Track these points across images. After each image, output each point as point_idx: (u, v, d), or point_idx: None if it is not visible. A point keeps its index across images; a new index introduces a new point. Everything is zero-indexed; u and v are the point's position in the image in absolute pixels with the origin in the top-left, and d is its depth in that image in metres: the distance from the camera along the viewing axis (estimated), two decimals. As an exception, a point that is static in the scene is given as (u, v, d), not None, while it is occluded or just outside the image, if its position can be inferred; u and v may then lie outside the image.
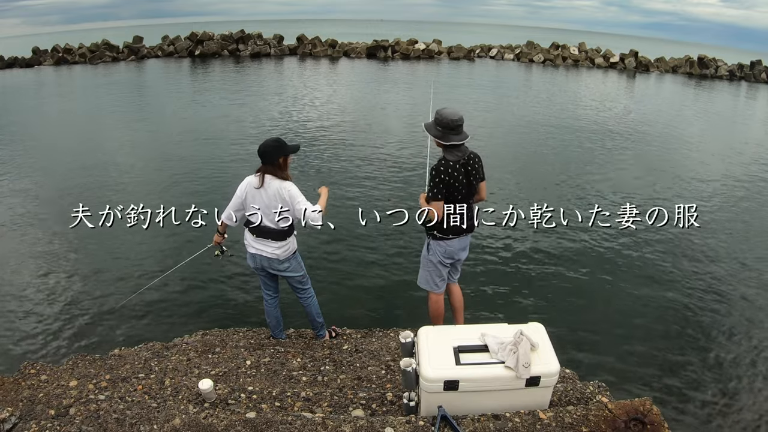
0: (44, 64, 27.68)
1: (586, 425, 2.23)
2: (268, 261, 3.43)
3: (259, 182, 3.24)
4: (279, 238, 3.36)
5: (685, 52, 34.76)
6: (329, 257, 6.09)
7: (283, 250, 3.40)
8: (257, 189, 3.25)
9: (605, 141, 12.41)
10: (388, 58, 30.55)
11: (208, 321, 4.74)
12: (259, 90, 18.67)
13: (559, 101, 17.90)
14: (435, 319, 3.68)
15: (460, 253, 3.44)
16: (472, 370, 2.24)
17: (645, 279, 5.81)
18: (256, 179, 3.27)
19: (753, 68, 29.58)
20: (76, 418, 2.34)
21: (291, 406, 2.78)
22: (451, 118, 3.10)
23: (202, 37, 30.75)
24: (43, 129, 13.00)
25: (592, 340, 4.66)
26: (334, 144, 11.26)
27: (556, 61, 31.70)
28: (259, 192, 3.25)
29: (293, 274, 3.54)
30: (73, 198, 7.94)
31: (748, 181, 9.84)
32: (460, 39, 36.91)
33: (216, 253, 3.73)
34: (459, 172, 3.16)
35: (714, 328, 4.93)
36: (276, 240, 3.36)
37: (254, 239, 3.40)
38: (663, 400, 3.91)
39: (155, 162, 10.04)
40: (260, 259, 3.44)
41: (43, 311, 4.98)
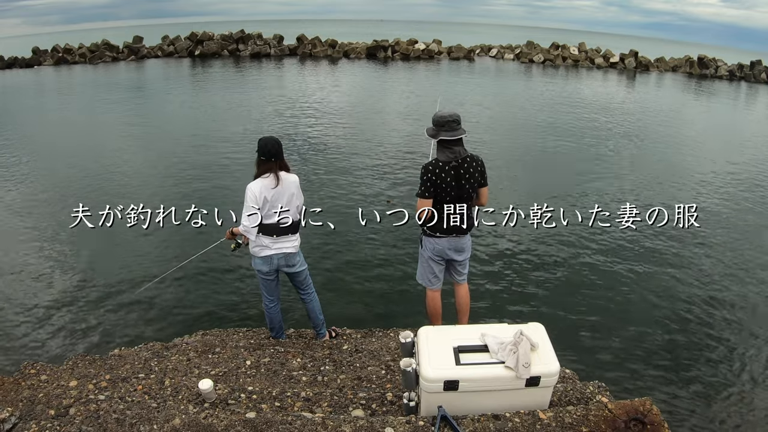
0: (44, 64, 27.69)
1: (586, 425, 2.23)
2: (285, 258, 3.40)
3: (275, 181, 3.20)
4: (296, 230, 3.40)
5: (686, 52, 34.79)
6: (329, 257, 6.09)
7: (299, 242, 3.45)
8: (275, 189, 3.19)
9: (605, 141, 12.42)
10: (388, 59, 30.55)
11: (208, 321, 4.74)
12: (259, 90, 18.67)
13: (559, 101, 17.91)
14: (432, 316, 3.68)
15: (451, 252, 3.42)
16: (472, 370, 2.24)
17: (645, 279, 5.81)
18: (270, 180, 3.20)
19: (753, 68, 29.58)
20: (76, 418, 2.34)
21: (291, 406, 2.78)
22: (441, 114, 3.15)
23: (202, 37, 30.75)
24: (42, 129, 13.00)
25: (592, 340, 4.66)
26: (334, 144, 11.26)
27: (556, 61, 31.70)
28: (277, 190, 3.20)
29: (303, 267, 3.56)
30: (73, 198, 7.95)
31: (748, 181, 9.84)
32: (460, 39, 36.92)
33: (232, 247, 3.67)
34: (448, 173, 3.16)
35: (714, 328, 4.93)
36: (295, 232, 3.39)
37: (273, 240, 3.31)
38: (663, 400, 3.91)
39: (155, 162, 10.04)
40: (278, 259, 3.38)
41: (43, 311, 4.98)
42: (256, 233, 3.28)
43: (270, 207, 3.23)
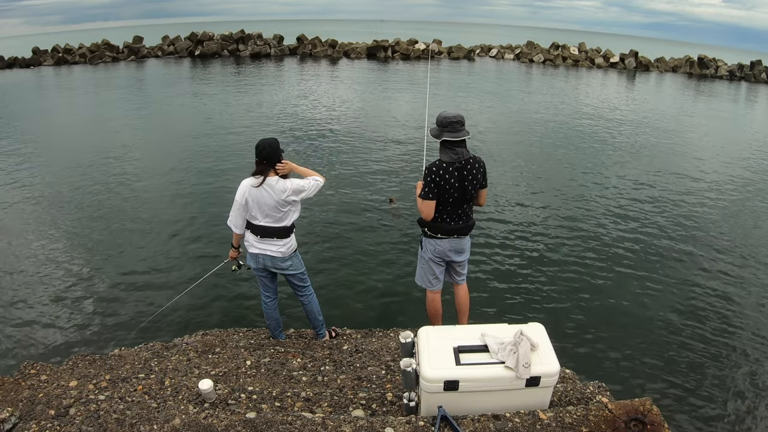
0: (44, 65, 27.69)
1: (586, 425, 2.23)
2: (271, 260, 3.43)
3: (258, 182, 3.23)
4: (284, 235, 3.38)
5: (686, 53, 34.81)
6: (329, 257, 6.09)
7: (287, 247, 3.42)
8: (257, 189, 3.23)
9: (605, 141, 12.41)
10: (388, 58, 30.56)
11: (208, 321, 4.74)
12: (259, 90, 18.66)
13: (558, 101, 17.90)
14: (433, 318, 3.69)
15: (451, 254, 3.43)
16: (472, 370, 2.24)
17: (645, 279, 5.81)
18: (255, 180, 3.25)
19: (753, 68, 29.60)
20: (76, 418, 2.34)
21: (291, 406, 2.78)
22: (445, 115, 3.17)
23: (202, 37, 30.75)
24: (41, 129, 12.98)
25: (592, 340, 4.65)
26: (334, 144, 11.25)
27: (556, 61, 31.72)
28: (260, 192, 3.23)
29: (295, 271, 3.55)
30: (74, 198, 7.95)
31: (750, 181, 9.83)
32: (460, 39, 36.96)
33: (233, 268, 3.79)
34: (452, 174, 3.17)
35: (715, 328, 4.92)
36: (281, 238, 3.37)
37: (258, 239, 3.38)
38: (663, 400, 3.92)
39: (154, 162, 10.03)
40: (263, 259, 3.43)
41: (43, 311, 4.98)
42: (240, 228, 3.41)
43: (252, 207, 3.29)
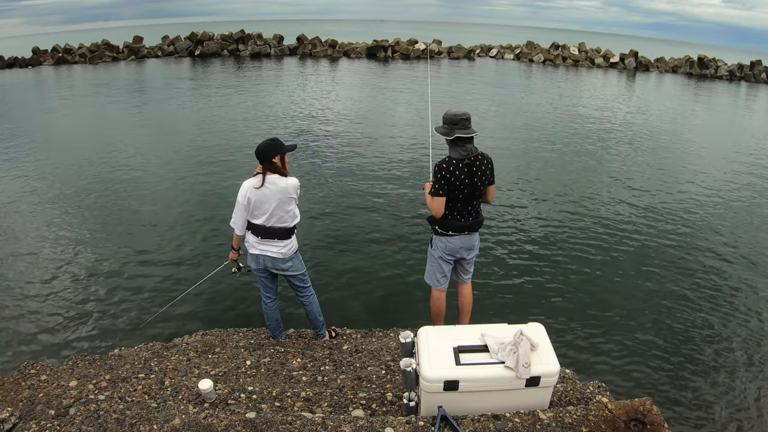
0: (44, 64, 27.68)
1: (586, 425, 2.23)
2: (272, 261, 3.43)
3: (259, 183, 3.24)
4: (285, 236, 3.38)
5: (687, 53, 34.81)
6: (329, 257, 6.09)
7: (288, 248, 3.42)
8: (258, 189, 3.23)
9: (605, 141, 12.41)
10: (388, 58, 30.56)
11: (208, 321, 4.74)
12: (259, 90, 18.66)
13: (558, 101, 17.90)
14: (436, 316, 3.69)
15: (462, 251, 3.46)
16: (472, 370, 2.24)
17: (645, 279, 5.80)
18: (257, 180, 3.26)
19: (753, 68, 29.59)
20: (76, 418, 2.34)
21: (291, 406, 2.78)
22: (454, 113, 3.19)
23: (202, 37, 30.75)
24: (41, 129, 12.98)
25: (592, 340, 4.65)
26: (335, 144, 11.25)
27: (556, 61, 31.73)
28: (263, 192, 3.23)
29: (296, 272, 3.55)
30: (74, 199, 7.95)
31: (750, 181, 9.83)
32: (460, 39, 36.96)
33: (233, 270, 3.79)
34: (462, 171, 3.19)
35: (715, 328, 4.92)
36: (282, 239, 3.37)
37: (259, 241, 3.38)
38: (663, 400, 3.91)
39: (154, 162, 10.03)
40: (264, 260, 3.43)
41: (43, 311, 4.98)
42: (241, 230, 3.40)
43: (254, 208, 3.28)
